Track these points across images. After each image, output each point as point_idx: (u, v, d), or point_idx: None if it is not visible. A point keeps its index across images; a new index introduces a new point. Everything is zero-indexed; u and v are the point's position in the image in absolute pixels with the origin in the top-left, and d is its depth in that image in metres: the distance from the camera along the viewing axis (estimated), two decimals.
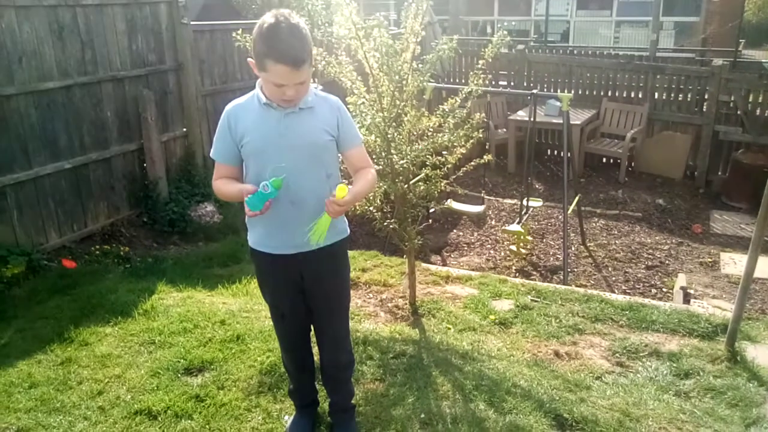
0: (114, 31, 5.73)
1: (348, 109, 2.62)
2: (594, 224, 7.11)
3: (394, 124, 3.67)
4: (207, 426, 2.85)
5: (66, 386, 3.24)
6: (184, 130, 6.66)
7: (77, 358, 3.53)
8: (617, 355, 3.75)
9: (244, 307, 4.20)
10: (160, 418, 2.92)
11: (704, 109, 8.24)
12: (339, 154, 2.49)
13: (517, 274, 5.85)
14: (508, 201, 7.82)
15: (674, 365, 3.59)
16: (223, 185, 2.38)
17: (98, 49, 5.58)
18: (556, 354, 3.72)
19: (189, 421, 2.89)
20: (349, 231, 2.55)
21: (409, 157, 3.68)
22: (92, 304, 4.24)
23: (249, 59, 2.25)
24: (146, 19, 6.08)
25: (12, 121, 4.90)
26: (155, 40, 6.20)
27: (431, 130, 3.86)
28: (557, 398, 3.09)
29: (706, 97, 8.22)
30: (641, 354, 3.74)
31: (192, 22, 6.63)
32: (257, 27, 2.15)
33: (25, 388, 3.24)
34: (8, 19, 4.80)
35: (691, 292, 5.25)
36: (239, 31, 3.46)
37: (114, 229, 5.88)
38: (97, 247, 5.50)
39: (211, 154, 2.41)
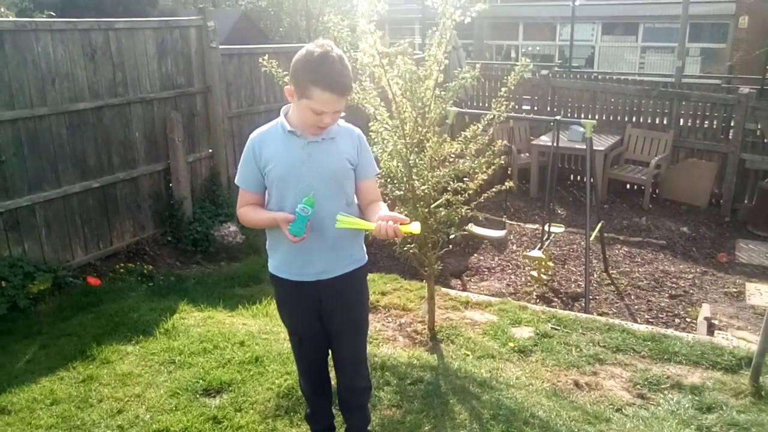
0: (145, 54, 5.87)
1: (370, 135, 2.64)
2: (617, 251, 7.04)
3: (416, 149, 3.70)
4: None
5: (87, 404, 3.29)
6: (210, 151, 6.77)
7: (98, 375, 3.58)
8: (638, 386, 3.69)
9: (263, 328, 4.22)
10: None
11: (730, 137, 8.16)
12: None
13: (537, 301, 5.80)
14: (530, 226, 7.79)
15: (696, 399, 3.52)
16: (250, 212, 2.40)
17: (129, 71, 5.72)
18: (576, 384, 3.67)
19: None
20: (367, 258, 2.57)
21: (430, 182, 3.70)
22: (115, 322, 4.30)
23: (286, 87, 2.29)
24: (176, 42, 6.22)
25: (43, 141, 5.03)
26: (184, 63, 6.34)
27: (453, 155, 3.87)
28: (576, 430, 3.05)
29: (732, 124, 8.14)
30: (663, 386, 3.68)
31: (221, 46, 6.76)
32: (302, 56, 2.19)
33: (47, 405, 3.29)
34: (44, 42, 4.95)
35: (716, 322, 5.15)
36: (266, 57, 3.53)
37: (138, 247, 5.97)
38: (122, 264, 5.59)
39: (236, 181, 2.45)
